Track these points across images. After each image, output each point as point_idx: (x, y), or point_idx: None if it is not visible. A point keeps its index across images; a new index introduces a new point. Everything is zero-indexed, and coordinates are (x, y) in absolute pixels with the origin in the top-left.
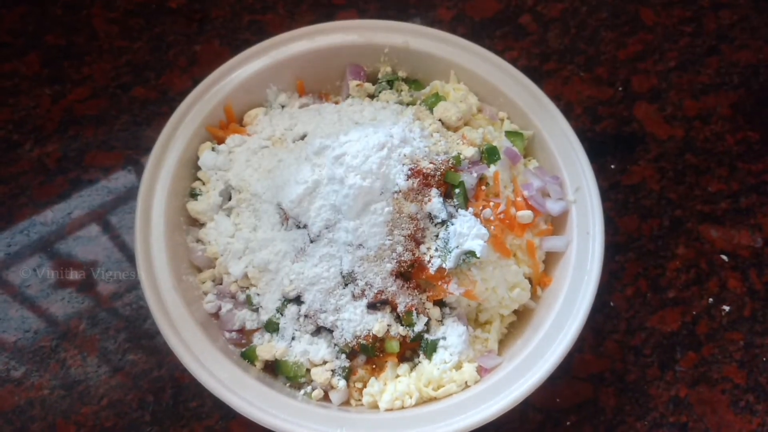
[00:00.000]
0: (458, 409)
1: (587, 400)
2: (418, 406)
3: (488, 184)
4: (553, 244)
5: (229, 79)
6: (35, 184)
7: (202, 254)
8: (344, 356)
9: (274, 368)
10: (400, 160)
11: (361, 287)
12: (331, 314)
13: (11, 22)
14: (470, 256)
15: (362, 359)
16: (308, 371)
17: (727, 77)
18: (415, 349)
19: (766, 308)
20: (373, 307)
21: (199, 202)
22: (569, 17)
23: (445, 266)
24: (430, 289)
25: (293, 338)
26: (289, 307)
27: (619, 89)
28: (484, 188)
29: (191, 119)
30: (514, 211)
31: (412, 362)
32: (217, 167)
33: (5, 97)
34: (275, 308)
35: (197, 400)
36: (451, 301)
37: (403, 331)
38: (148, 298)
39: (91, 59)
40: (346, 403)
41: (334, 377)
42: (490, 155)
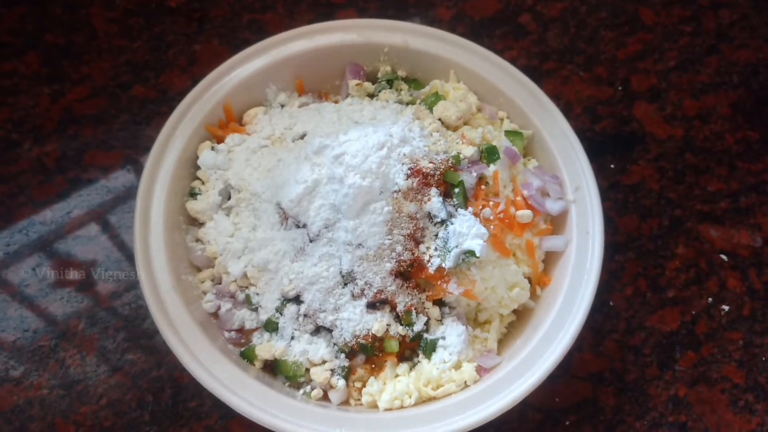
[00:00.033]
0: (457, 408)
1: (587, 399)
2: (417, 405)
3: (488, 183)
4: (552, 243)
5: (228, 78)
6: (34, 183)
7: (201, 254)
8: (343, 356)
9: (273, 368)
10: (399, 159)
11: (360, 287)
12: (330, 314)
13: (11, 21)
14: (470, 255)
15: (361, 359)
16: (307, 371)
17: (726, 76)
18: (414, 348)
19: (765, 308)
20: (372, 306)
21: (198, 201)
22: (569, 17)
23: (444, 266)
24: (429, 288)
25: (292, 338)
26: (288, 306)
27: (618, 89)
28: (483, 188)
29: (191, 118)
30: (513, 210)
31: (411, 362)
32: (216, 166)
33: (4, 96)
34: (274, 308)
35: (196, 399)
36: (450, 300)
37: (402, 330)
38: (147, 297)
39: (90, 58)
40: (345, 402)
41: (333, 377)
42: (489, 155)
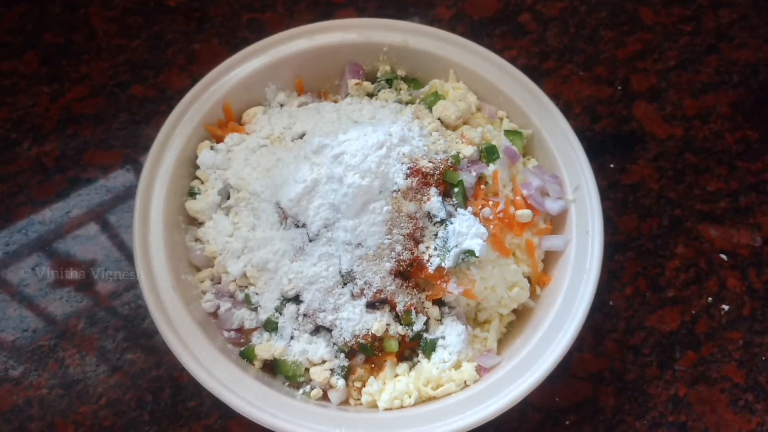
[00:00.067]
0: (457, 408)
1: (586, 399)
2: (417, 405)
3: (487, 183)
4: (552, 243)
5: (227, 77)
6: (33, 183)
7: (200, 253)
8: (343, 355)
9: (272, 367)
10: (399, 159)
11: (360, 286)
12: (330, 313)
13: (10, 20)
14: (469, 255)
15: (361, 358)
16: (307, 370)
17: (726, 76)
18: (414, 348)
19: (765, 307)
20: (372, 306)
21: (197, 200)
22: (568, 16)
23: (444, 265)
24: (429, 288)
25: (292, 337)
26: (287, 306)
27: (618, 88)
28: (483, 187)
29: (190, 118)
30: (513, 210)
31: (411, 361)
32: (215, 166)
33: (3, 95)
34: (274, 307)
35: (196, 399)
36: (450, 300)
37: (402, 330)
38: (146, 297)
39: (89, 58)
40: (345, 402)
41: (333, 376)
42: (489, 154)
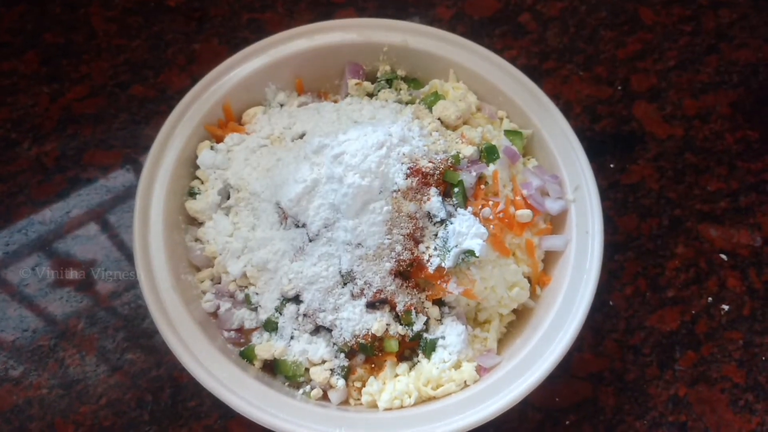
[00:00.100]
0: (457, 408)
1: (586, 399)
2: (417, 405)
3: (487, 183)
4: (552, 243)
5: (227, 77)
6: (33, 182)
7: (200, 253)
8: (343, 355)
9: (272, 367)
10: (399, 159)
11: (360, 286)
12: (330, 313)
13: (10, 20)
14: (469, 255)
15: (361, 358)
16: (307, 370)
17: (726, 76)
18: (414, 348)
19: (765, 307)
20: (372, 306)
21: (197, 200)
22: (568, 16)
23: (444, 265)
24: (429, 288)
25: (292, 337)
26: (287, 306)
27: (618, 88)
28: (483, 187)
29: (190, 118)
30: (513, 210)
31: (411, 361)
32: (215, 166)
33: (3, 95)
34: (274, 307)
35: (196, 399)
36: (450, 300)
37: (402, 330)
38: (146, 297)
39: (89, 58)
40: (345, 402)
41: (333, 376)
42: (489, 154)
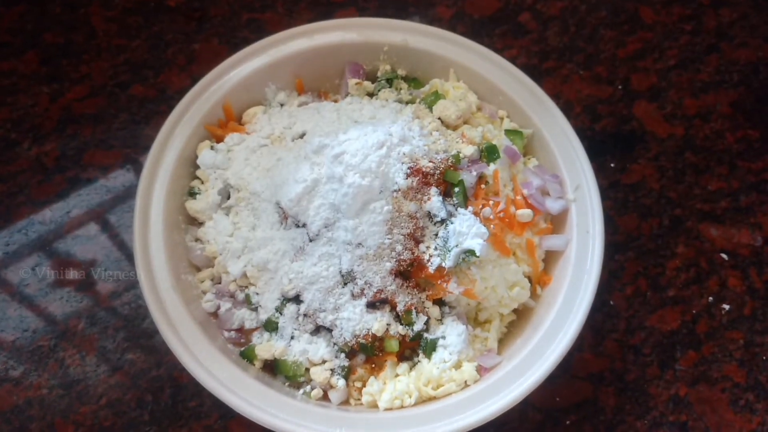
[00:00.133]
0: (458, 408)
1: (587, 399)
2: (417, 405)
3: (488, 182)
4: (552, 242)
5: (227, 77)
6: (33, 183)
7: (200, 253)
8: (343, 355)
9: (273, 367)
10: (399, 158)
11: (360, 286)
12: (330, 313)
13: (10, 20)
14: (470, 254)
15: (361, 358)
16: (307, 370)
17: (726, 75)
18: (414, 348)
19: (766, 307)
20: (372, 306)
21: (197, 200)
22: (569, 15)
23: (444, 265)
24: (429, 288)
25: (292, 337)
26: (288, 306)
27: (618, 87)
28: (483, 187)
29: (190, 118)
30: (513, 209)
31: (411, 361)
32: (215, 166)
33: (3, 95)
34: (274, 307)
35: (196, 399)
36: (450, 300)
37: (402, 330)
38: (146, 297)
39: (89, 58)
40: (345, 402)
41: (333, 376)
42: (489, 154)
